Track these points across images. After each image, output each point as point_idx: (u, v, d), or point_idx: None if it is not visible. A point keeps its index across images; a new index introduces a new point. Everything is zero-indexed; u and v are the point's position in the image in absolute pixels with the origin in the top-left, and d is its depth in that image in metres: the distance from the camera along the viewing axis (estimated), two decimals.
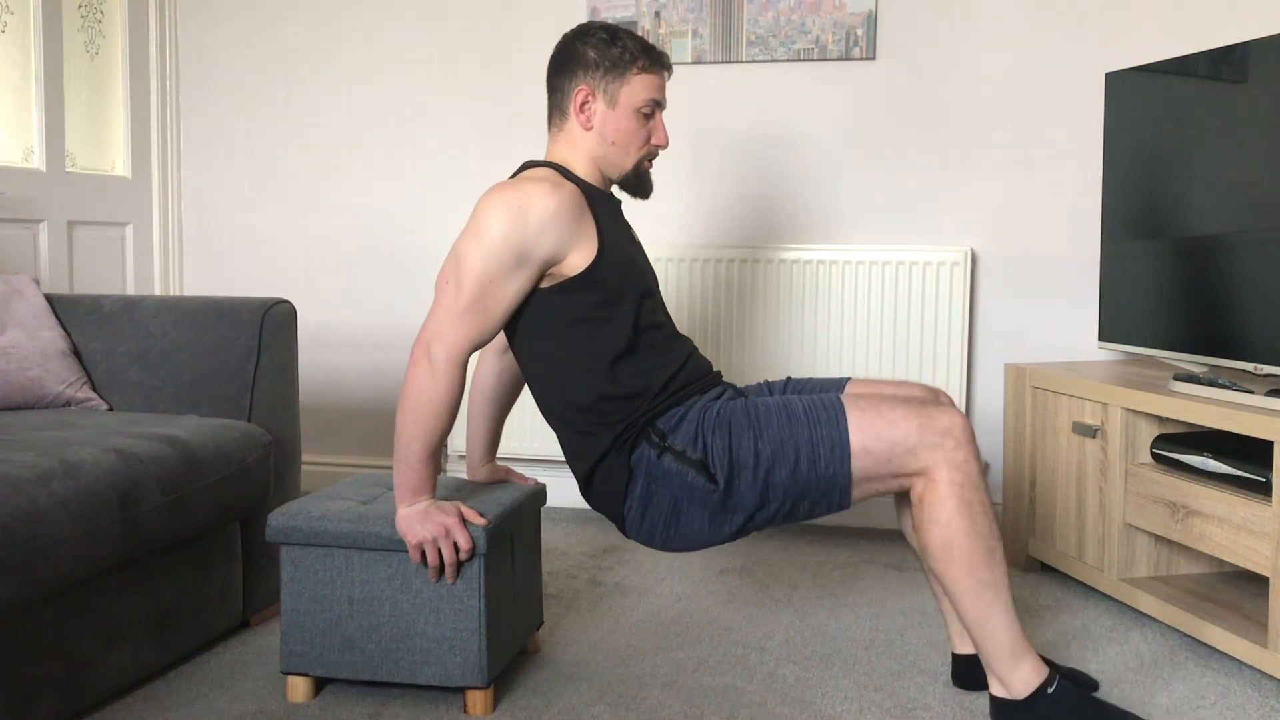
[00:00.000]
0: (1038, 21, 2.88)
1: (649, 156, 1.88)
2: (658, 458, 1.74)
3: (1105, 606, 2.39)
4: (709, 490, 1.72)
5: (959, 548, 1.66)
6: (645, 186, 1.91)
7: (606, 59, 1.81)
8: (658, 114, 1.87)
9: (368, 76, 3.29)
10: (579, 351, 1.76)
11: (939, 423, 1.68)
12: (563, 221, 1.70)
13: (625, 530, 1.81)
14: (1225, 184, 2.21)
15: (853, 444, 1.68)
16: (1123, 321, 2.52)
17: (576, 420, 1.79)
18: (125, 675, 1.86)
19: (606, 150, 1.83)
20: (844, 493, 1.70)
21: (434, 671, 1.80)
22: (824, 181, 3.02)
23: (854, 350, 2.91)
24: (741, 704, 1.87)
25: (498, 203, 1.70)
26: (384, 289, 3.32)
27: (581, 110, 1.82)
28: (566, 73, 1.83)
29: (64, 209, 3.01)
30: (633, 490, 1.76)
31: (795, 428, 1.71)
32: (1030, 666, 1.69)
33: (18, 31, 2.87)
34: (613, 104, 1.82)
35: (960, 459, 1.66)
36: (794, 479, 1.70)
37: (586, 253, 1.73)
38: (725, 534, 1.75)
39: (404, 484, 1.75)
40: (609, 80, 1.81)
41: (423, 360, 1.70)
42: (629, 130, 1.83)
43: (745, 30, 3.00)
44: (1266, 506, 1.94)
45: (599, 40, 1.81)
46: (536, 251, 1.70)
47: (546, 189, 1.70)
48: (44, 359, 2.23)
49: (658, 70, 1.85)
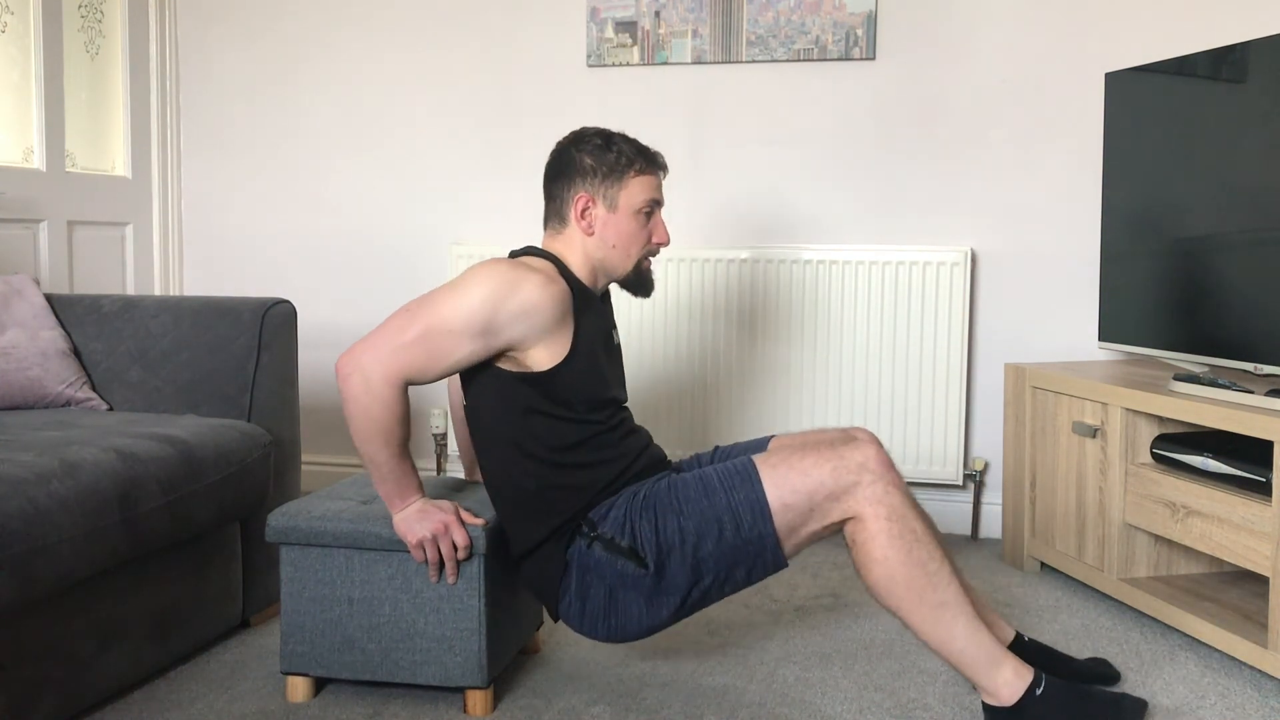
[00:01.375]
0: (1038, 21, 2.88)
1: (649, 255, 1.88)
2: (588, 548, 1.74)
3: (1105, 606, 2.40)
4: (640, 575, 1.71)
5: (901, 579, 1.66)
6: (646, 285, 1.91)
7: (604, 165, 1.81)
8: (657, 213, 1.87)
9: (368, 76, 3.29)
10: (529, 439, 1.75)
11: (852, 461, 1.68)
12: (541, 317, 1.70)
13: (563, 620, 1.80)
14: (1225, 184, 2.21)
15: (771, 501, 1.68)
16: (1123, 321, 2.52)
17: (520, 503, 1.78)
18: (125, 675, 1.86)
19: (607, 253, 1.84)
20: (774, 551, 1.70)
21: (434, 671, 1.80)
22: (824, 181, 3.02)
23: (854, 350, 2.91)
24: (741, 704, 1.87)
25: (491, 271, 1.70)
26: (384, 289, 3.32)
27: (582, 217, 1.82)
28: (564, 180, 1.84)
29: (64, 209, 3.01)
30: (568, 584, 1.76)
31: (713, 498, 1.71)
32: (1011, 672, 1.68)
33: (18, 31, 2.87)
34: (613, 208, 1.82)
35: (880, 493, 1.66)
36: (720, 549, 1.70)
37: (555, 353, 1.73)
38: (665, 616, 1.74)
39: (388, 493, 1.75)
40: (607, 185, 1.81)
41: (358, 382, 1.67)
42: (630, 232, 1.83)
43: (745, 30, 3.00)
44: (1266, 506, 1.94)
45: (594, 147, 1.82)
46: (503, 332, 1.69)
47: (540, 280, 1.70)
48: (44, 359, 2.23)
49: (654, 171, 1.86)
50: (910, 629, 1.70)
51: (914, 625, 1.68)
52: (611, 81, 3.11)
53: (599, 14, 3.08)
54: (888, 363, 2.90)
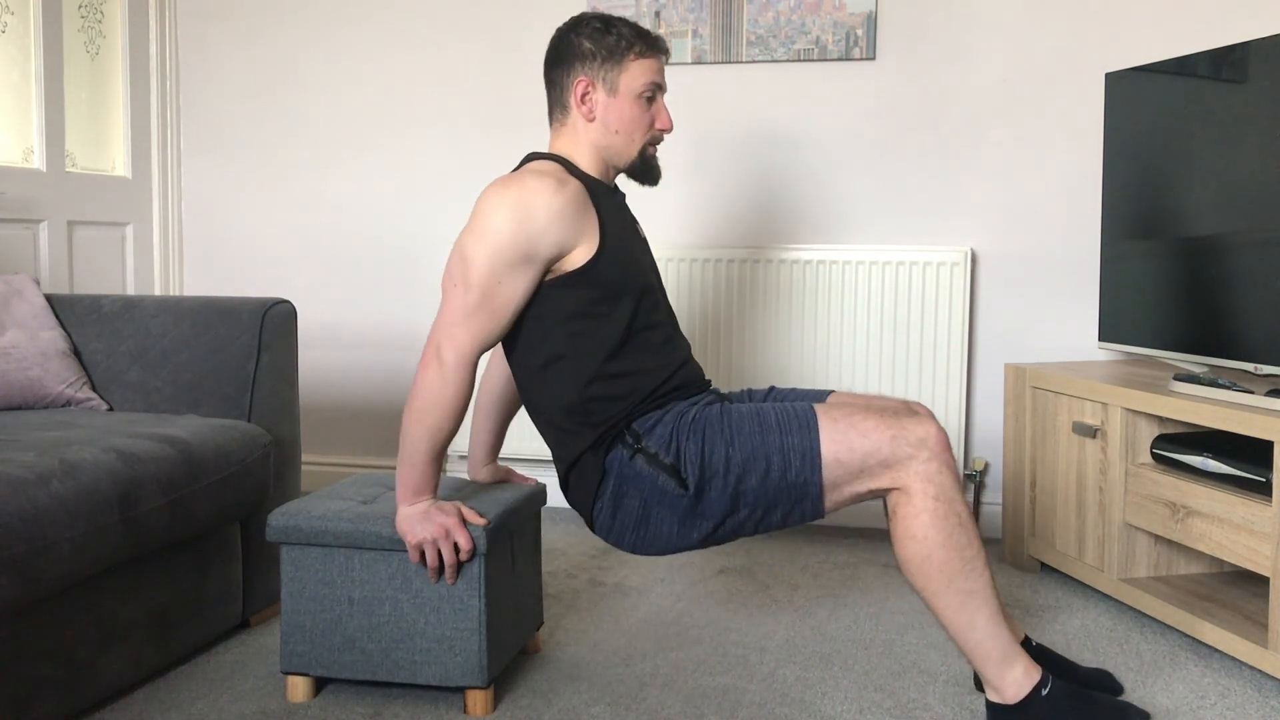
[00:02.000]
0: (1038, 21, 2.88)
1: (653, 141, 1.87)
2: (630, 459, 1.73)
3: (1105, 606, 2.39)
4: (679, 495, 1.71)
5: (936, 560, 1.65)
6: (653, 172, 1.89)
7: (603, 48, 1.80)
8: (659, 97, 1.86)
9: (368, 75, 3.29)
10: (572, 348, 1.75)
11: (913, 434, 1.66)
12: (567, 218, 1.69)
13: (594, 529, 1.80)
14: (1225, 184, 2.21)
15: (824, 453, 1.67)
16: (1123, 321, 2.52)
17: (561, 419, 1.78)
18: (125, 675, 1.86)
19: (611, 140, 1.82)
20: (815, 502, 1.69)
21: (434, 671, 1.80)
22: (824, 181, 3.02)
23: (854, 350, 2.91)
24: (741, 704, 1.87)
25: (502, 199, 1.69)
26: (384, 289, 3.32)
27: (583, 101, 1.81)
28: (564, 66, 1.83)
29: (64, 209, 3.01)
30: (604, 491, 1.75)
31: (767, 436, 1.70)
32: (1021, 670, 1.69)
33: (18, 31, 2.87)
34: (613, 92, 1.81)
35: (933, 471, 1.65)
36: (764, 487, 1.69)
37: (588, 248, 1.72)
38: (693, 539, 1.74)
39: (407, 483, 1.74)
40: (607, 69, 1.80)
41: (432, 362, 1.69)
42: (632, 116, 1.82)
43: (745, 30, 3.00)
44: (1266, 506, 1.94)
45: (594, 30, 1.81)
46: (541, 249, 1.69)
47: (551, 185, 1.69)
48: (44, 359, 2.23)
49: (655, 54, 1.84)
50: (932, 610, 1.69)
51: (937, 607, 1.68)
52: None
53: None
54: (888, 363, 2.90)
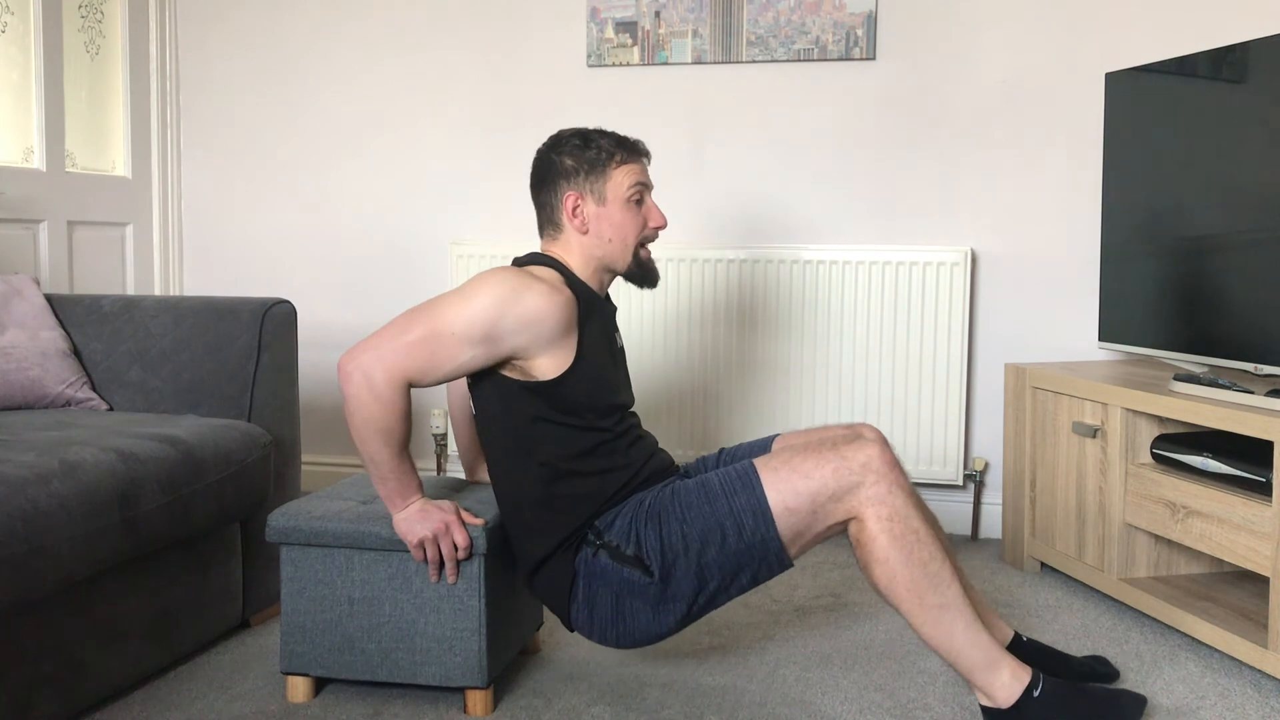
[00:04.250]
0: (1038, 21, 2.87)
1: (646, 242, 1.88)
2: (594, 556, 1.74)
3: (1105, 606, 2.39)
4: (646, 583, 1.71)
5: (902, 579, 1.66)
6: (650, 276, 1.90)
7: (585, 162, 1.82)
8: (647, 197, 1.87)
9: (367, 75, 3.29)
10: (537, 447, 1.75)
11: (854, 461, 1.67)
12: (544, 327, 1.69)
13: (573, 629, 1.81)
14: (1225, 184, 2.21)
15: (773, 505, 1.68)
16: (1123, 321, 2.52)
17: (526, 511, 1.78)
18: (125, 675, 1.86)
19: (606, 249, 1.83)
20: (779, 555, 1.70)
21: (434, 671, 1.80)
22: (824, 181, 3.02)
23: (854, 350, 2.91)
24: (741, 704, 1.87)
25: (497, 279, 1.69)
26: (384, 289, 3.32)
27: (574, 215, 1.82)
28: (550, 186, 1.84)
29: (64, 209, 3.01)
30: (576, 592, 1.76)
31: (715, 504, 1.70)
32: (1008, 674, 1.69)
33: (18, 31, 2.87)
34: (602, 202, 1.82)
35: (882, 493, 1.66)
36: (724, 554, 1.70)
37: (560, 362, 1.73)
38: (672, 623, 1.74)
39: (388, 493, 1.75)
40: (592, 180, 1.82)
41: (360, 382, 1.67)
42: (623, 222, 1.83)
43: (745, 30, 3.00)
44: (1266, 506, 1.94)
45: (573, 147, 1.83)
46: (505, 340, 1.69)
47: (545, 290, 1.70)
48: (44, 359, 2.23)
49: (635, 158, 1.85)
50: (911, 628, 1.70)
51: (914, 625, 1.69)
52: (611, 81, 3.11)
53: (599, 14, 3.08)
54: (888, 363, 2.90)
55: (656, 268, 1.91)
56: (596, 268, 1.85)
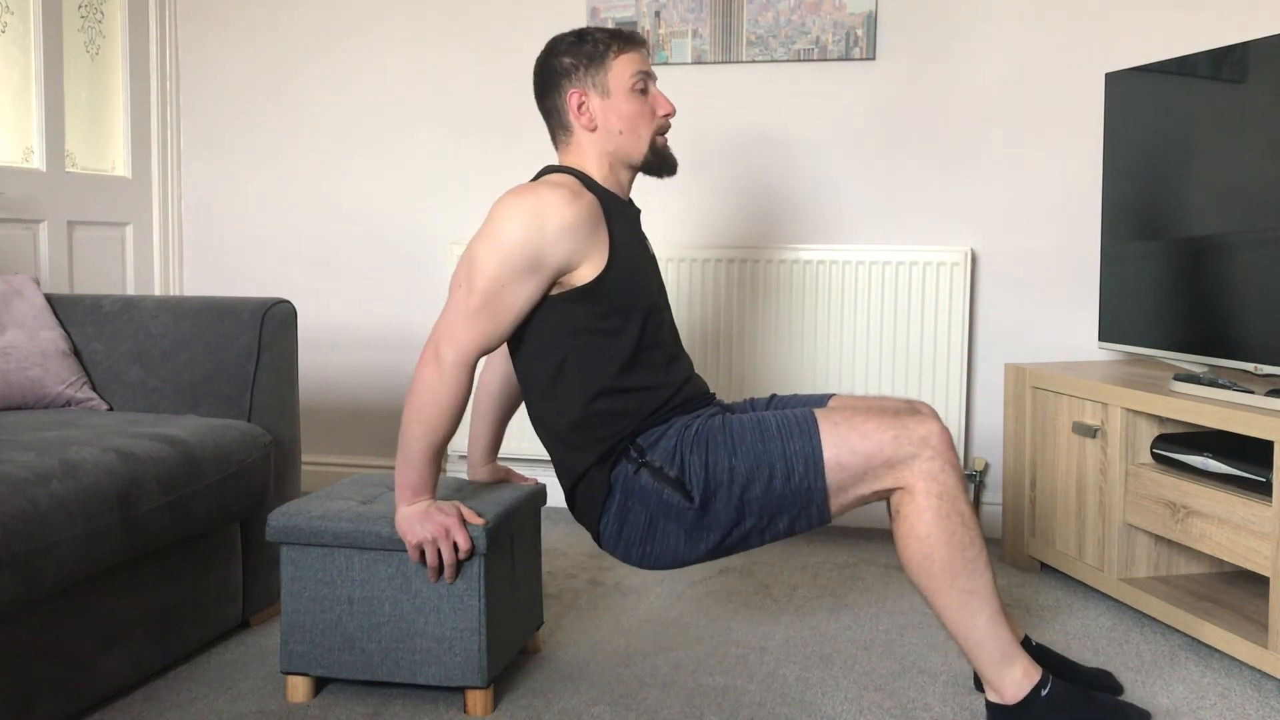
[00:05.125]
0: (1038, 21, 2.88)
1: (661, 130, 1.86)
2: (635, 473, 1.74)
3: (1105, 606, 2.39)
4: (685, 507, 1.71)
5: (939, 559, 1.65)
6: (669, 162, 1.89)
7: (583, 56, 1.81)
8: (652, 86, 1.86)
9: (367, 75, 3.29)
10: (578, 363, 1.75)
11: (915, 433, 1.67)
12: (578, 232, 1.70)
13: (601, 544, 1.81)
14: (1225, 184, 2.21)
15: (826, 458, 1.67)
16: (1123, 321, 2.52)
17: (566, 433, 1.78)
18: (125, 675, 1.86)
19: (618, 141, 1.82)
20: (821, 507, 1.70)
21: (434, 671, 1.80)
22: (824, 181, 3.02)
23: (854, 350, 2.91)
24: (741, 704, 1.87)
25: (515, 207, 1.69)
26: (384, 289, 3.32)
27: (580, 112, 1.82)
28: (553, 88, 1.84)
29: (64, 209, 3.01)
30: (610, 506, 1.76)
31: (769, 444, 1.70)
32: (1020, 671, 1.68)
33: (18, 31, 2.87)
34: (605, 94, 1.81)
35: (936, 469, 1.66)
36: (768, 495, 1.69)
37: (597, 263, 1.73)
38: (701, 551, 1.74)
39: (405, 482, 1.74)
40: (593, 74, 1.81)
41: (431, 361, 1.70)
42: (632, 111, 1.82)
43: (745, 30, 3.01)
44: (1266, 506, 1.94)
45: (569, 45, 1.83)
46: (550, 259, 1.69)
47: (566, 197, 1.69)
48: (44, 359, 2.23)
49: (634, 47, 1.84)
50: (934, 609, 1.70)
51: (939, 606, 1.68)
52: None
53: (599, 14, 3.08)
54: (888, 363, 2.90)
55: (673, 155, 1.89)
56: (612, 164, 1.84)
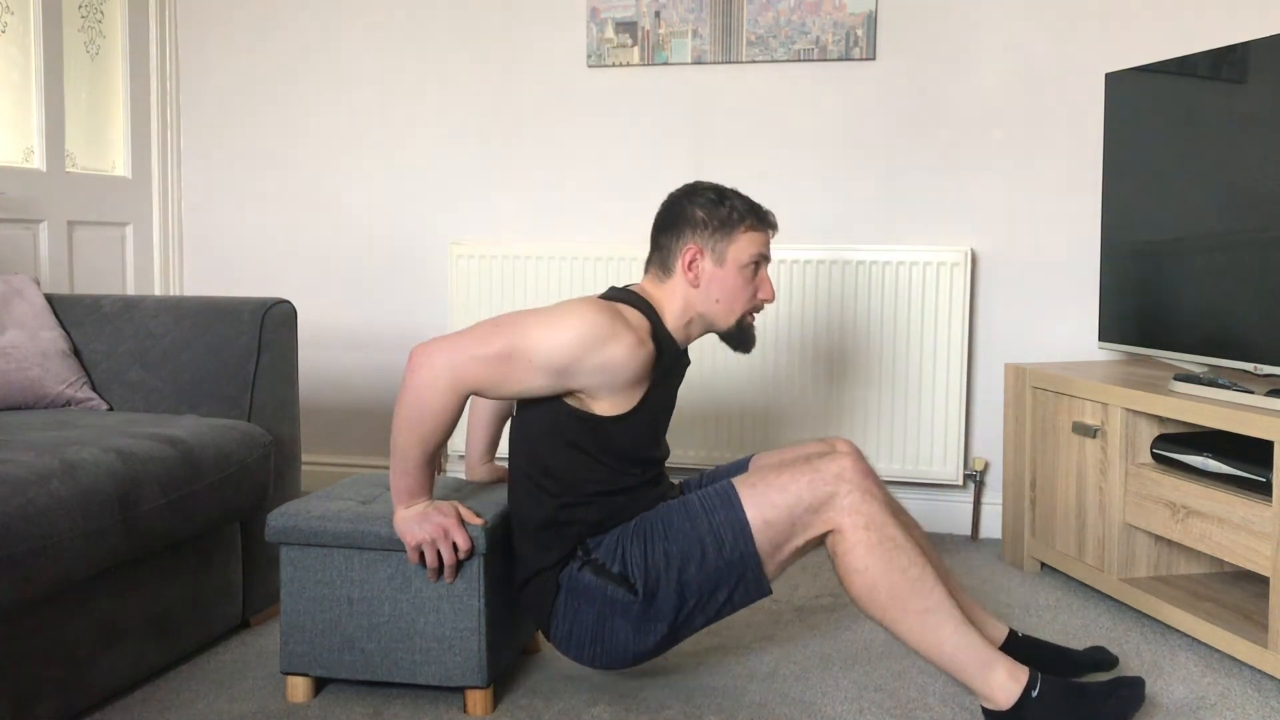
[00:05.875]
0: (1038, 21, 2.88)
1: (753, 310, 1.87)
2: (578, 570, 1.75)
3: (1105, 606, 2.39)
4: (629, 601, 1.73)
5: (884, 588, 1.66)
6: (748, 342, 1.89)
7: (715, 218, 1.80)
8: (763, 268, 1.85)
9: (367, 76, 3.29)
10: (563, 469, 1.76)
11: (828, 472, 1.69)
12: (619, 378, 1.70)
13: (552, 641, 1.81)
14: (1225, 184, 2.21)
15: (751, 521, 1.70)
16: (1123, 321, 2.52)
17: (535, 530, 1.79)
18: (125, 675, 1.86)
19: (711, 308, 1.82)
20: (757, 573, 1.72)
21: (434, 671, 1.80)
22: (824, 181, 3.02)
23: (854, 350, 2.91)
24: (741, 704, 1.87)
25: (590, 319, 1.68)
26: (384, 289, 3.32)
27: (690, 269, 1.81)
28: (674, 231, 1.83)
29: (64, 209, 3.01)
30: (558, 606, 1.77)
31: (695, 522, 1.73)
32: (1004, 674, 1.68)
33: (18, 31, 2.87)
34: (720, 262, 1.81)
35: (857, 501, 1.67)
36: (704, 571, 1.71)
37: (619, 407, 1.74)
38: (651, 644, 1.75)
39: (401, 487, 1.75)
40: (717, 239, 1.80)
41: (427, 378, 1.67)
42: (735, 287, 1.82)
43: (745, 30, 3.00)
44: (1266, 506, 1.94)
45: (708, 200, 1.82)
46: (577, 378, 1.69)
47: (633, 342, 1.69)
48: (44, 359, 2.23)
49: (764, 228, 1.84)
50: (898, 639, 1.70)
51: (901, 634, 1.69)
52: (611, 82, 3.11)
53: (599, 14, 3.08)
54: (888, 362, 2.90)
55: (755, 335, 1.90)
56: (691, 321, 1.84)
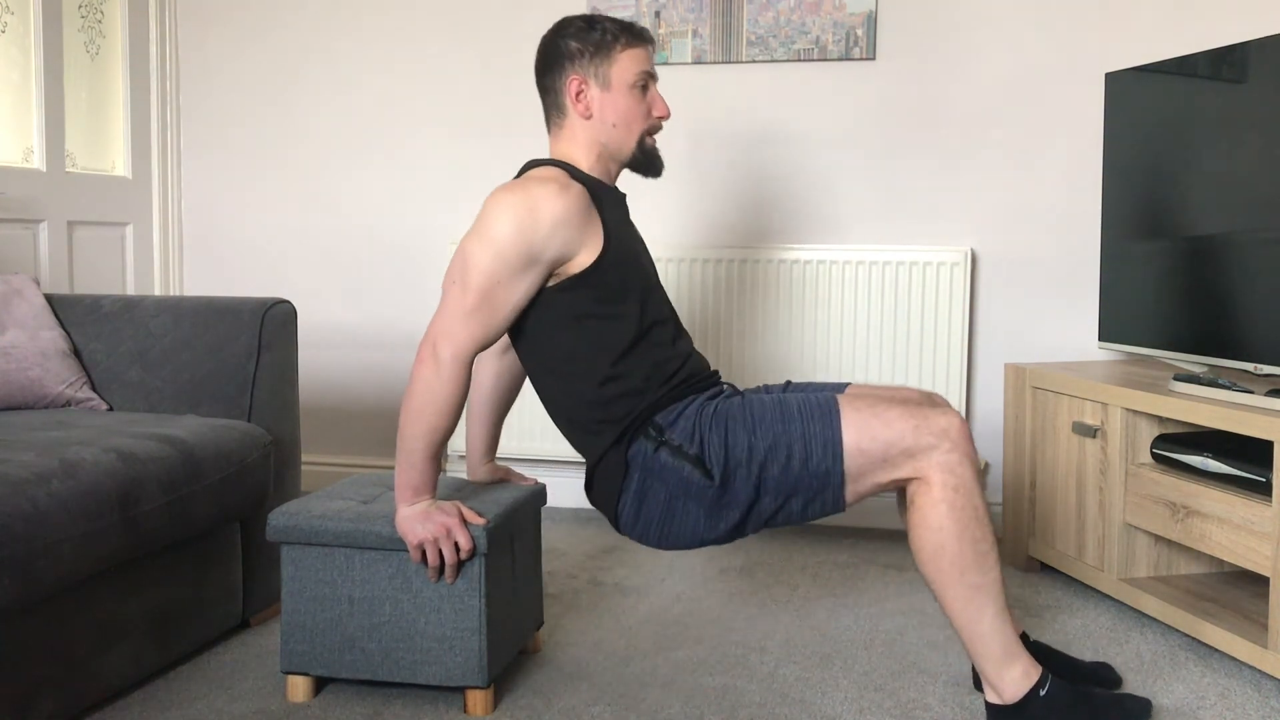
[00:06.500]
0: (1038, 21, 2.88)
1: (652, 131, 1.87)
2: (654, 452, 1.73)
3: (1105, 606, 2.39)
4: (705, 485, 1.71)
5: (950, 552, 1.66)
6: (655, 164, 1.89)
7: (590, 44, 1.81)
8: (652, 86, 1.86)
9: (367, 76, 3.29)
10: (584, 347, 1.75)
11: (935, 424, 1.67)
12: (571, 223, 1.70)
13: (619, 527, 1.80)
14: (1225, 184, 2.21)
15: (846, 442, 1.67)
16: (1123, 321, 2.52)
17: (582, 417, 1.78)
18: (125, 675, 1.86)
19: (609, 135, 1.83)
20: (837, 491, 1.69)
21: (434, 671, 1.80)
22: (824, 181, 3.02)
23: (854, 350, 2.91)
24: (741, 704, 1.87)
25: (506, 203, 1.69)
26: (384, 289, 3.32)
27: (578, 99, 1.82)
28: (555, 69, 1.83)
29: (64, 209, 3.01)
30: (628, 486, 1.75)
31: (789, 424, 1.70)
32: (1020, 670, 1.68)
33: (18, 31, 2.87)
34: (606, 86, 1.81)
35: (954, 461, 1.66)
36: (786, 475, 1.69)
37: (592, 251, 1.73)
38: (721, 530, 1.74)
39: (405, 483, 1.74)
40: (597, 64, 1.81)
41: (429, 360, 1.70)
42: (627, 108, 1.82)
43: (745, 30, 3.00)
44: (1266, 506, 1.94)
45: (578, 29, 1.82)
46: (545, 253, 1.69)
47: (555, 190, 1.69)
48: (44, 359, 2.23)
49: (641, 44, 1.84)
50: (941, 602, 1.70)
51: (945, 599, 1.68)
52: None
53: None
54: (888, 363, 2.90)
55: (660, 156, 1.89)
56: (601, 154, 1.84)
